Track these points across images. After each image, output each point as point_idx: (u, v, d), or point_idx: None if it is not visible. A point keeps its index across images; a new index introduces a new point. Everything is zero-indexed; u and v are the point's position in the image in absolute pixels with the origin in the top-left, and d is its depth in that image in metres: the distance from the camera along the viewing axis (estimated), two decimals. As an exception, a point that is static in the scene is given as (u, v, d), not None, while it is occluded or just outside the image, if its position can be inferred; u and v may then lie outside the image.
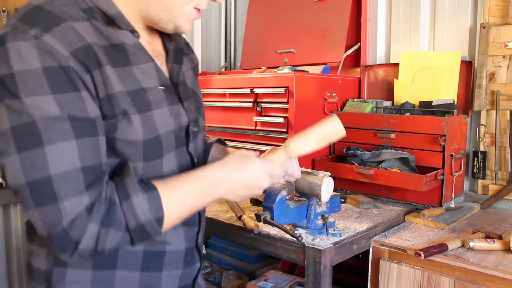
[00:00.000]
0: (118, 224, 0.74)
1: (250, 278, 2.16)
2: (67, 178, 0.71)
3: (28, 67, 0.69)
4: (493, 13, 1.82)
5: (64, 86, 0.72)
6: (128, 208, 0.75)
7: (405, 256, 1.35)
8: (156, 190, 0.79)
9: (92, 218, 0.72)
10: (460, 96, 1.90)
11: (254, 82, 1.95)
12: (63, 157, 0.71)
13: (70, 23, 0.74)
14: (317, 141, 0.97)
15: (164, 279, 0.94)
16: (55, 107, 0.70)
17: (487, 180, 1.85)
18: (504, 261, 1.24)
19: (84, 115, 0.74)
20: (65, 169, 0.71)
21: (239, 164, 0.91)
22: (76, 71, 0.73)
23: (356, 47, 2.22)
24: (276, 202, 1.25)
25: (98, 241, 0.73)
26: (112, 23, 0.82)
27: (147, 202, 0.77)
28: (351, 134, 1.92)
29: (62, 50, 0.71)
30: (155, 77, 0.88)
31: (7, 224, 2.15)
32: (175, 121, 0.90)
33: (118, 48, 0.82)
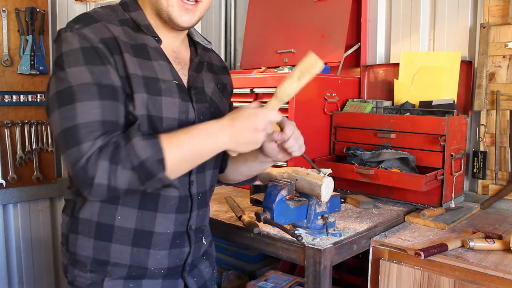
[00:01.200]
0: (124, 162, 0.89)
1: (250, 278, 2.16)
2: (89, 127, 0.90)
3: (71, 47, 0.95)
4: (493, 13, 1.82)
5: (94, 60, 0.95)
6: (130, 148, 0.90)
7: (405, 256, 1.35)
8: (157, 136, 0.93)
9: (101, 156, 0.89)
10: (460, 96, 1.90)
11: (254, 82, 1.95)
12: (88, 111, 0.91)
13: (105, 23, 1.01)
14: (299, 78, 1.04)
15: (151, 256, 1.08)
16: (87, 75, 0.93)
17: (487, 180, 1.85)
18: (504, 261, 1.24)
19: (109, 82, 0.95)
20: (88, 120, 0.90)
21: (234, 114, 1.00)
22: (104, 51, 0.96)
23: (356, 47, 2.22)
24: (276, 202, 1.25)
25: (110, 177, 0.89)
26: (140, 30, 1.07)
27: (147, 143, 0.91)
28: (351, 134, 1.92)
29: (93, 37, 0.96)
30: (169, 74, 1.07)
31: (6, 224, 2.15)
32: (182, 113, 1.06)
33: (141, 46, 1.05)
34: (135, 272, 1.08)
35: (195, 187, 1.13)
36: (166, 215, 1.09)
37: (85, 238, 1.07)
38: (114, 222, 1.05)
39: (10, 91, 2.07)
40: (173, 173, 0.95)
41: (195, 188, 1.13)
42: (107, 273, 1.07)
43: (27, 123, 2.13)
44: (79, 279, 1.09)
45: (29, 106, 2.14)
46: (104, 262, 1.07)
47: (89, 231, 1.07)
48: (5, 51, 2.04)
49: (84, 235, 1.07)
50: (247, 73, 2.13)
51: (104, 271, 1.07)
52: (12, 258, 2.19)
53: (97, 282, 1.07)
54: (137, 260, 1.08)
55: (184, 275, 1.15)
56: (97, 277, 1.07)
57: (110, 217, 1.05)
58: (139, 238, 1.07)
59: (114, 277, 1.07)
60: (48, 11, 2.19)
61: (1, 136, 2.06)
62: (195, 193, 1.13)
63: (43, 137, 2.19)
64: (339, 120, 1.96)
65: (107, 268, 1.07)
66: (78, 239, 1.08)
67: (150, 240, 1.08)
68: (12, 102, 2.07)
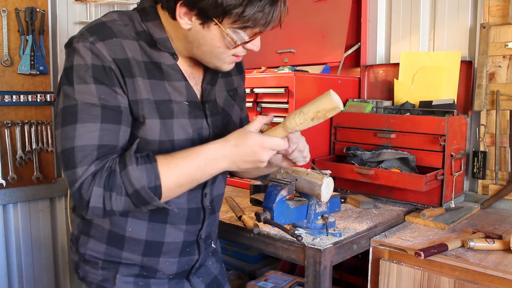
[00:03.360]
0: (118, 189, 0.90)
1: (250, 278, 2.16)
2: (84, 150, 0.90)
3: (82, 62, 0.93)
4: (493, 13, 1.82)
5: (103, 79, 0.93)
6: (125, 175, 0.90)
7: (405, 256, 1.35)
8: (155, 162, 0.93)
9: (95, 182, 0.89)
10: (460, 96, 1.90)
11: (254, 82, 1.95)
12: (87, 134, 0.91)
13: (121, 40, 0.97)
14: (312, 119, 0.98)
15: (161, 264, 1.11)
16: (94, 95, 0.92)
17: (487, 180, 1.85)
18: (504, 261, 1.24)
19: (115, 104, 0.94)
20: (85, 143, 0.90)
21: (238, 141, 0.97)
22: (115, 72, 0.94)
23: (356, 47, 2.22)
24: (276, 202, 1.25)
25: (104, 202, 0.90)
26: (154, 45, 1.02)
27: (143, 171, 0.91)
28: (351, 134, 1.92)
29: (107, 56, 0.93)
30: (184, 93, 1.05)
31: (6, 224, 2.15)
32: (194, 132, 1.05)
33: (156, 65, 1.01)
34: (146, 272, 1.11)
35: (208, 199, 1.14)
36: (177, 226, 1.10)
37: (97, 242, 1.09)
38: (125, 233, 1.07)
39: (10, 91, 2.07)
40: (168, 197, 0.96)
41: (207, 200, 1.14)
42: (118, 271, 1.09)
43: (27, 123, 2.13)
44: (91, 275, 1.11)
45: (29, 106, 2.14)
46: (115, 263, 1.09)
47: (101, 236, 1.08)
48: (5, 51, 2.04)
49: (96, 239, 1.09)
50: (247, 73, 2.11)
51: (116, 269, 1.10)
52: (12, 258, 2.19)
53: (109, 278, 1.10)
54: (147, 265, 1.10)
55: (189, 277, 1.17)
56: (109, 274, 1.10)
57: (121, 228, 1.06)
58: (150, 248, 1.09)
59: (125, 273, 1.10)
60: (48, 11, 2.19)
61: (1, 136, 2.06)
62: (208, 205, 1.14)
63: (43, 137, 2.19)
64: (339, 120, 1.96)
65: (118, 267, 1.09)
66: (90, 241, 1.10)
67: (161, 249, 1.10)
68: (12, 102, 2.07)
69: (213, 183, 1.15)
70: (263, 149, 0.96)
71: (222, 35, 0.97)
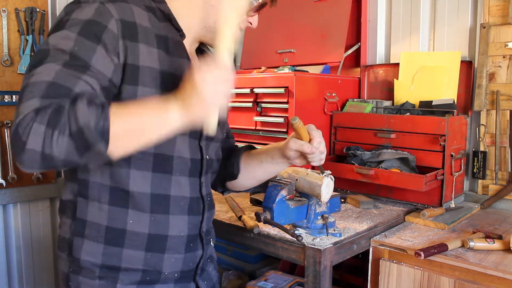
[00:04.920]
0: (62, 127, 0.77)
1: (250, 278, 2.16)
2: (34, 86, 0.82)
3: (80, 16, 0.89)
4: (493, 13, 1.82)
5: (90, 34, 0.88)
6: (72, 111, 0.78)
7: (405, 256, 1.35)
8: (106, 104, 0.82)
9: (37, 118, 0.77)
10: (460, 96, 1.90)
11: (254, 82, 1.95)
12: (43, 72, 0.83)
13: (131, 5, 0.95)
14: None
15: (166, 261, 1.04)
16: (70, 43, 0.86)
17: (487, 180, 1.85)
18: (504, 261, 1.24)
19: (85, 58, 0.86)
20: (38, 80, 0.82)
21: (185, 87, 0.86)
22: (112, 33, 0.90)
23: (356, 47, 2.22)
24: (276, 202, 1.25)
25: (44, 143, 0.77)
26: (167, 20, 1.02)
27: (92, 109, 0.79)
28: (351, 134, 1.92)
29: (115, 14, 0.91)
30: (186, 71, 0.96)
31: (6, 224, 2.15)
32: None
33: (164, 38, 1.00)
34: (149, 276, 1.03)
35: (204, 189, 1.12)
36: (179, 217, 1.05)
37: (93, 243, 1.00)
38: (126, 227, 0.99)
39: (10, 91, 2.07)
40: (115, 148, 0.83)
41: (204, 190, 1.12)
42: (118, 279, 1.00)
43: (27, 123, 2.13)
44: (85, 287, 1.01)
45: (29, 106, 2.14)
46: (115, 268, 1.00)
47: (98, 235, 0.99)
48: (5, 51, 2.04)
49: (92, 240, 1.00)
50: (247, 73, 2.13)
51: (116, 277, 1.00)
52: (12, 258, 2.19)
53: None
54: (151, 265, 1.03)
55: (196, 278, 1.13)
56: (107, 284, 1.00)
57: (121, 221, 0.99)
58: (153, 242, 1.02)
59: (126, 282, 1.00)
60: (48, 11, 2.19)
61: (1, 136, 2.06)
62: (205, 194, 1.13)
63: (43, 137, 2.19)
64: (339, 120, 1.96)
65: (118, 274, 1.00)
66: (84, 243, 1.00)
67: (165, 244, 1.04)
68: (12, 102, 2.07)
69: (206, 174, 1.13)
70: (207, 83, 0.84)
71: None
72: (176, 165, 1.03)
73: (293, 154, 1.14)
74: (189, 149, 1.06)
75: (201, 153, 1.09)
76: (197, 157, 1.08)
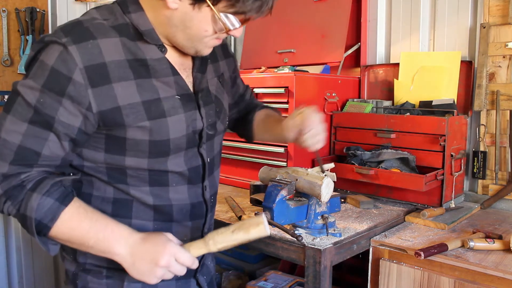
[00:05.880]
0: (14, 201, 0.89)
1: (250, 278, 2.16)
2: (5, 146, 0.89)
3: (45, 61, 0.88)
4: (493, 13, 1.82)
5: (54, 87, 0.87)
6: (27, 197, 0.89)
7: (405, 256, 1.35)
8: (65, 206, 0.90)
9: (1, 184, 0.89)
10: (460, 96, 1.90)
11: (254, 82, 1.94)
12: (12, 132, 0.88)
13: (98, 41, 0.90)
14: (233, 231, 0.97)
15: None
16: (36, 95, 0.88)
17: (487, 180, 1.85)
18: (504, 261, 1.24)
19: (50, 113, 0.88)
20: (7, 138, 0.89)
21: (149, 237, 0.95)
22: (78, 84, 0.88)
23: (356, 47, 2.22)
24: (276, 202, 1.24)
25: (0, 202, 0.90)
26: (141, 38, 0.96)
27: (45, 205, 0.89)
28: (351, 134, 1.92)
29: (79, 62, 0.87)
30: (173, 87, 1.00)
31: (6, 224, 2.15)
32: (189, 126, 1.02)
33: (141, 62, 0.95)
34: None
35: (208, 192, 1.12)
36: (182, 224, 1.07)
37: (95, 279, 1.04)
38: None
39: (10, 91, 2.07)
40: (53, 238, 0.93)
41: (208, 193, 1.12)
42: (125, 278, 1.03)
43: (27, 123, 2.13)
44: (94, 285, 1.04)
45: (29, 106, 2.14)
46: (121, 269, 1.01)
47: None
48: (5, 51, 2.04)
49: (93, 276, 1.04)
50: (247, 73, 2.13)
51: (122, 277, 1.03)
52: (12, 258, 2.19)
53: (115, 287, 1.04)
54: None
55: (197, 275, 1.15)
56: (115, 282, 1.04)
57: None
58: None
59: (132, 280, 1.02)
60: (48, 11, 2.19)
61: (1, 136, 2.06)
62: (208, 198, 1.13)
63: (43, 137, 2.19)
64: (339, 120, 1.96)
65: (125, 274, 1.01)
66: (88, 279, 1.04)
67: None
68: (12, 102, 2.06)
69: (211, 175, 1.13)
70: (165, 252, 0.92)
71: (213, 18, 0.92)
72: (172, 178, 1.04)
73: (289, 135, 1.15)
74: (186, 161, 1.05)
75: (202, 158, 1.08)
76: (196, 164, 1.07)
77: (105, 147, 0.97)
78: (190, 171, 1.06)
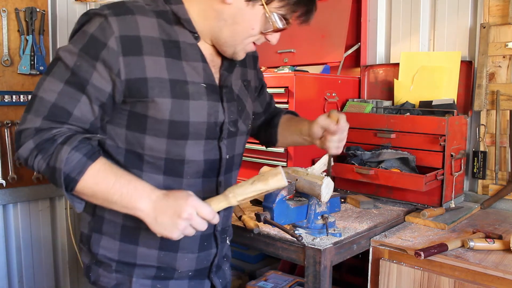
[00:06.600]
0: (45, 155, 0.92)
1: (250, 278, 2.16)
2: (41, 103, 0.94)
3: (87, 29, 0.95)
4: (493, 13, 1.82)
5: (90, 51, 0.93)
6: (57, 150, 0.91)
7: (405, 256, 1.35)
8: (92, 161, 0.92)
9: (34, 137, 0.92)
10: (460, 96, 1.90)
11: (254, 82, 1.94)
12: (49, 88, 0.94)
13: (137, 16, 0.96)
14: (252, 182, 0.99)
15: (179, 259, 1.07)
16: (73, 58, 0.94)
17: (487, 180, 1.85)
18: (504, 261, 1.24)
19: (84, 76, 0.94)
20: (44, 96, 0.94)
21: (171, 193, 0.96)
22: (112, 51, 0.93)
23: (356, 47, 2.22)
24: (276, 202, 1.25)
25: (29, 156, 0.93)
26: (179, 23, 1.02)
27: (74, 159, 0.91)
28: (351, 134, 1.91)
29: (116, 31, 0.93)
30: (201, 75, 1.04)
31: (6, 224, 2.15)
32: (211, 115, 1.04)
33: (174, 44, 1.00)
34: (163, 273, 1.07)
35: (222, 188, 1.11)
36: None
37: (110, 239, 1.05)
38: (140, 225, 1.00)
39: (10, 91, 2.07)
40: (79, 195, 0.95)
41: (222, 189, 1.11)
42: (134, 274, 1.05)
43: (27, 123, 2.13)
44: (104, 279, 1.06)
45: (29, 106, 2.13)
46: (130, 264, 1.05)
47: (114, 232, 1.05)
48: (5, 51, 2.04)
49: (109, 236, 1.05)
50: (247, 73, 2.12)
51: (131, 272, 1.05)
52: (12, 258, 2.19)
53: (123, 282, 1.05)
54: (164, 263, 1.07)
55: (211, 276, 1.15)
56: (124, 277, 1.05)
57: (136, 220, 1.00)
58: (167, 242, 1.04)
59: (142, 276, 1.05)
60: (48, 11, 2.19)
61: (1, 136, 2.06)
62: None
63: (43, 137, 2.19)
64: (339, 120, 1.96)
65: (134, 269, 1.05)
66: (102, 239, 1.06)
67: (178, 244, 1.06)
68: (12, 102, 2.07)
69: (228, 173, 1.13)
70: (187, 204, 0.93)
71: (263, 16, 0.99)
72: (188, 169, 1.04)
73: (317, 131, 1.18)
74: (204, 151, 1.05)
75: (220, 153, 1.09)
76: (214, 158, 1.08)
77: (127, 123, 1.00)
78: (206, 163, 1.06)
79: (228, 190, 0.99)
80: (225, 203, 0.98)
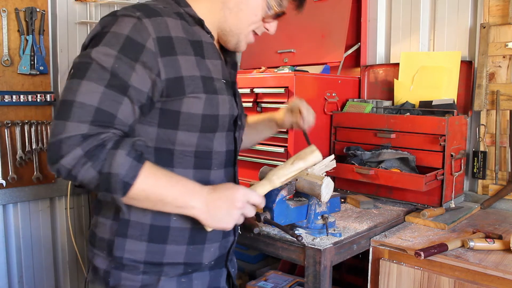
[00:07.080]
0: (96, 163, 0.88)
1: (250, 278, 2.16)
2: (83, 108, 0.89)
3: (119, 31, 0.94)
4: (493, 13, 1.82)
5: (129, 52, 0.93)
6: (111, 155, 0.89)
7: (405, 256, 1.35)
8: (142, 164, 0.92)
9: (82, 145, 0.88)
10: (460, 96, 1.90)
11: (254, 82, 1.95)
12: (89, 93, 0.90)
13: (165, 18, 0.99)
14: (292, 163, 1.08)
15: (205, 251, 1.10)
16: (111, 60, 0.92)
17: (487, 180, 1.85)
18: (504, 261, 1.24)
19: (124, 78, 0.93)
20: (85, 101, 0.89)
21: (217, 187, 1.01)
22: (151, 52, 0.94)
23: (356, 47, 2.22)
24: (276, 202, 1.25)
25: (75, 165, 0.88)
26: (198, 24, 1.07)
27: (127, 163, 0.90)
28: (351, 134, 1.92)
29: (152, 33, 0.95)
30: (220, 71, 1.09)
31: (6, 224, 2.16)
32: (231, 108, 1.11)
33: (198, 43, 1.05)
34: (190, 268, 1.08)
35: (237, 176, 1.20)
36: None
37: (136, 242, 1.04)
38: (169, 224, 1.03)
39: (10, 91, 2.07)
40: (130, 201, 0.94)
41: (237, 177, 1.20)
42: (162, 273, 1.05)
43: (27, 123, 2.13)
44: (127, 282, 1.04)
45: (29, 106, 2.14)
46: (158, 263, 1.04)
47: (141, 234, 1.03)
48: (5, 51, 2.04)
49: (135, 239, 1.04)
50: (247, 73, 2.13)
51: (159, 272, 1.05)
52: (12, 258, 2.19)
53: (151, 283, 1.04)
54: (191, 257, 1.08)
55: (227, 264, 1.18)
56: (151, 278, 1.04)
57: (165, 219, 1.03)
58: (195, 236, 1.07)
59: (170, 275, 1.05)
60: (48, 11, 2.19)
61: (1, 136, 2.06)
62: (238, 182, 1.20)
63: (43, 137, 2.19)
64: (339, 120, 1.96)
65: (162, 268, 1.05)
66: (127, 242, 1.04)
67: (205, 235, 1.08)
68: (12, 102, 2.07)
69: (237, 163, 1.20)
70: (239, 193, 0.99)
71: (265, 2, 1.10)
72: (215, 160, 1.10)
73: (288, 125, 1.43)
74: (226, 143, 1.12)
75: (235, 143, 1.16)
76: (231, 148, 1.14)
77: (159, 121, 1.01)
78: (227, 154, 1.13)
79: (270, 173, 1.06)
80: (269, 186, 1.07)
